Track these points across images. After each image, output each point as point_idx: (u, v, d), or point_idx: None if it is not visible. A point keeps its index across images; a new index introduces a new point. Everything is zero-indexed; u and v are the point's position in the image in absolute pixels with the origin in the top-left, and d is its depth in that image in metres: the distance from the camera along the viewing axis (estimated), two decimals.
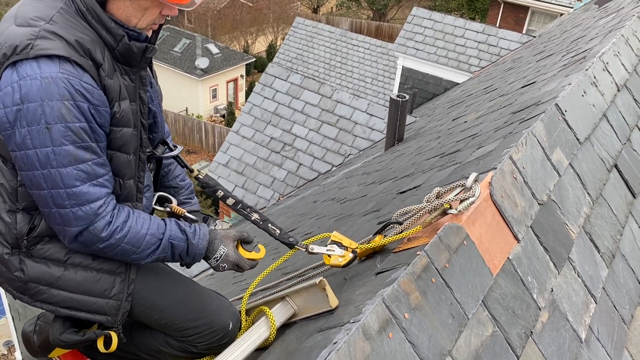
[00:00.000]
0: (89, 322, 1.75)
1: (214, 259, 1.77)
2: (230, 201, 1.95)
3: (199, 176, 1.98)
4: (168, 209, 1.92)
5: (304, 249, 1.93)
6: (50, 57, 1.42)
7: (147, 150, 1.79)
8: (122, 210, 1.61)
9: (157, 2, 1.56)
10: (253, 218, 1.95)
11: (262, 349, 1.78)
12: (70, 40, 1.45)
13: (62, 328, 1.74)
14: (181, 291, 1.82)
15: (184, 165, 2.02)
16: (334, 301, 1.64)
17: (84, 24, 1.52)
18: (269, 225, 1.95)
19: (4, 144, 1.51)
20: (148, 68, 1.77)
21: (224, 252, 1.77)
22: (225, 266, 1.80)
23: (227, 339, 1.85)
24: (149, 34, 1.67)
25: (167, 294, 1.79)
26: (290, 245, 1.95)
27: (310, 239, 1.98)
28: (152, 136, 1.88)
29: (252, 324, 1.87)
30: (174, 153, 1.92)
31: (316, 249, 1.90)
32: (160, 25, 1.70)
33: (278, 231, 1.95)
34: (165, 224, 1.70)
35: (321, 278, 1.68)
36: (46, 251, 1.63)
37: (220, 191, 1.96)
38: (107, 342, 1.75)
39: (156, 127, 1.88)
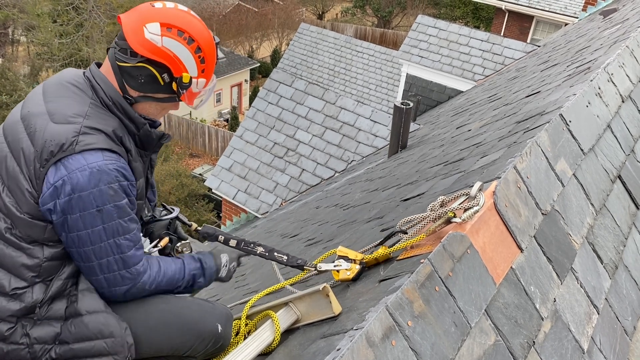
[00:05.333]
0: None
1: (224, 267, 1.95)
2: (232, 242, 2.06)
3: (198, 229, 2.11)
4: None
5: (313, 269, 1.99)
6: (94, 149, 1.59)
7: (149, 214, 2.02)
8: (151, 259, 1.75)
9: (175, 104, 1.84)
10: (259, 252, 2.05)
11: (265, 354, 1.78)
12: (108, 132, 1.65)
13: None
14: (157, 315, 1.78)
15: (184, 223, 2.15)
16: (337, 308, 1.65)
17: (111, 115, 1.72)
18: (275, 254, 2.05)
19: (41, 228, 1.62)
20: None
21: (227, 258, 1.98)
22: (234, 265, 2.01)
23: (221, 342, 1.84)
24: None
25: (143, 323, 1.75)
26: (300, 268, 2.04)
27: (317, 260, 2.03)
28: (151, 204, 2.09)
29: (255, 329, 1.88)
30: (173, 215, 2.10)
31: (324, 266, 1.95)
32: None
33: (285, 257, 2.06)
34: (183, 260, 1.86)
35: (325, 284, 1.68)
36: (48, 311, 1.68)
37: (221, 236, 2.08)
38: None
39: (153, 196, 2.10)
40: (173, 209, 2.13)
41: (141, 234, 1.74)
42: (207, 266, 1.90)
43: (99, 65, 1.80)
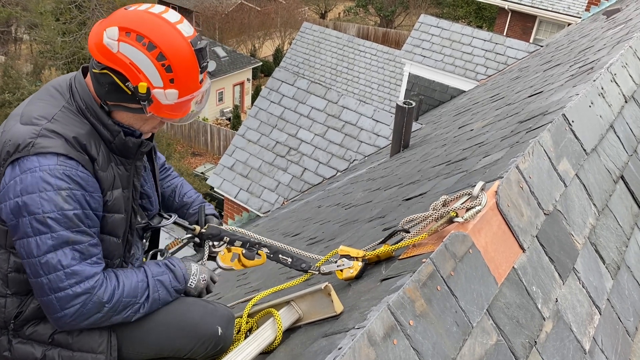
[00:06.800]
0: None
1: (193, 275, 1.86)
2: (238, 243, 2.04)
3: (203, 231, 2.05)
4: None
5: (317, 272, 2.00)
6: (49, 152, 1.53)
7: (143, 222, 1.93)
8: (108, 272, 1.67)
9: (155, 116, 1.69)
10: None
11: (266, 352, 1.78)
12: (68, 138, 1.58)
13: None
14: (157, 316, 1.77)
15: (185, 228, 2.09)
16: (338, 307, 1.65)
17: (84, 121, 1.65)
18: (280, 256, 2.05)
19: (2, 232, 1.61)
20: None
21: (197, 267, 1.89)
22: (204, 277, 1.90)
23: (222, 344, 1.83)
24: (147, 136, 1.82)
25: (145, 325, 1.75)
26: (305, 271, 2.04)
27: (320, 261, 2.03)
28: (148, 213, 2.01)
29: (257, 327, 1.88)
30: (170, 222, 2.05)
31: (327, 268, 1.95)
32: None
33: (290, 259, 2.05)
34: (144, 268, 1.77)
35: (326, 283, 1.68)
36: (32, 332, 1.68)
37: (226, 237, 2.04)
38: None
39: (150, 205, 2.02)
40: (170, 216, 2.07)
41: (99, 250, 1.62)
42: (175, 268, 1.81)
43: (87, 68, 1.73)
